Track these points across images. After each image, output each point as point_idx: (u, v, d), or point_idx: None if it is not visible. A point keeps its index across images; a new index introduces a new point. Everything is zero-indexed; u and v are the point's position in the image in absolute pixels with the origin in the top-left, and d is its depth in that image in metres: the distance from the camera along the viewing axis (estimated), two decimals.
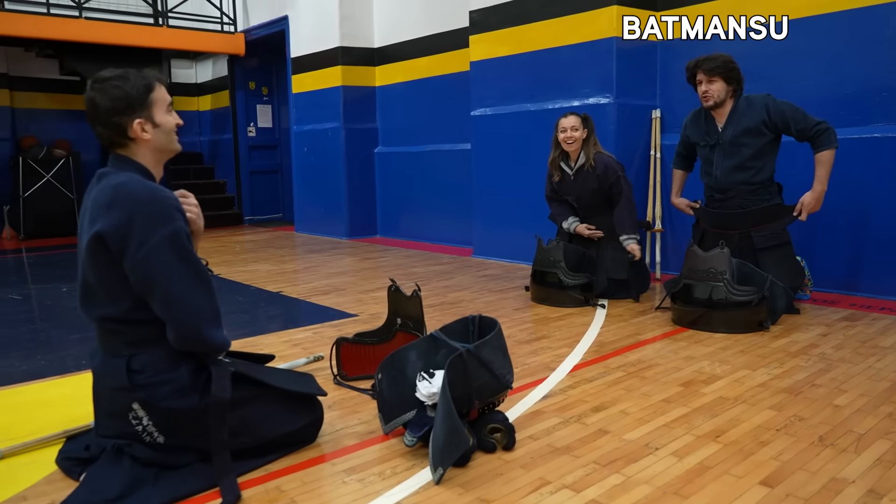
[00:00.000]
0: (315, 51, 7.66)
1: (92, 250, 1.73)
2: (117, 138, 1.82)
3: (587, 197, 4.07)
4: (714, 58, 3.51)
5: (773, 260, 3.47)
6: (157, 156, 1.88)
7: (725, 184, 3.59)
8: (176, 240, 1.73)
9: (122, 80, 1.80)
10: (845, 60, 3.98)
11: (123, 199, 1.71)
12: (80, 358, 3.03)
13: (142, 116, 1.81)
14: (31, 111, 9.05)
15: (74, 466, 1.87)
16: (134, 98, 1.79)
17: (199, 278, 1.77)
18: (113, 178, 1.78)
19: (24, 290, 4.85)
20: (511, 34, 5.37)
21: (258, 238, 7.91)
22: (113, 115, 1.78)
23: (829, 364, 2.73)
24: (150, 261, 1.69)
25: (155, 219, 1.71)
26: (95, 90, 1.79)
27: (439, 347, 2.07)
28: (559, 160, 4.12)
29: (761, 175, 3.53)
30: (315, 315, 3.87)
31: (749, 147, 3.49)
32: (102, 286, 1.77)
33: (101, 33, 7.80)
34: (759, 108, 3.46)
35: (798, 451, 1.94)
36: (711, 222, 3.67)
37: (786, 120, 3.41)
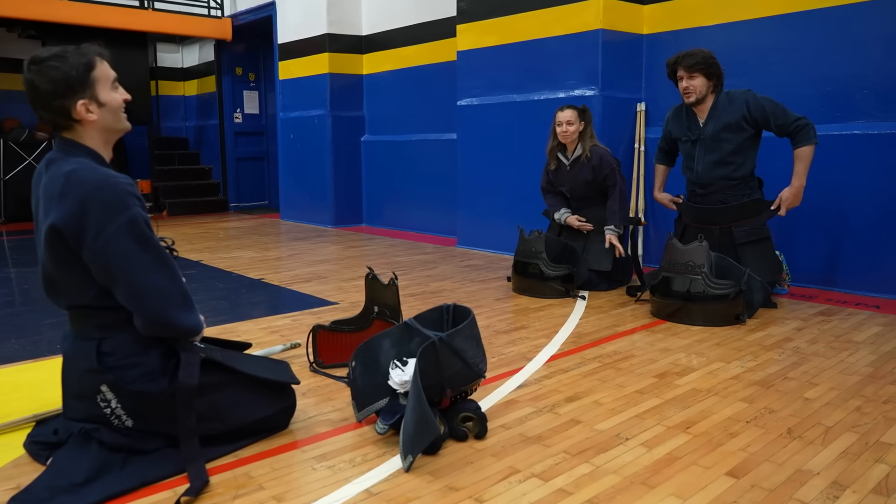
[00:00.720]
0: (302, 37, 7.60)
1: (49, 243, 1.70)
2: (62, 121, 1.74)
3: (580, 188, 4.11)
4: (694, 54, 3.51)
5: (752, 255, 3.50)
6: (105, 136, 1.81)
7: (706, 179, 3.61)
8: (134, 226, 1.69)
9: (59, 59, 1.70)
10: (827, 57, 4.00)
11: (75, 188, 1.66)
12: (54, 342, 3.00)
13: (85, 97, 1.72)
14: (12, 93, 8.91)
15: (42, 451, 1.86)
16: (74, 78, 1.70)
17: (160, 264, 1.74)
18: (63, 165, 1.71)
19: (3, 274, 4.80)
20: (498, 24, 5.36)
21: (243, 225, 7.86)
22: (54, 98, 1.69)
23: (802, 358, 2.76)
24: (110, 250, 1.66)
25: (110, 206, 1.66)
26: (33, 72, 1.70)
27: (413, 335, 2.07)
28: (556, 150, 4.15)
29: (742, 170, 3.55)
30: (295, 302, 3.86)
31: (730, 142, 3.51)
32: (65, 277, 1.74)
33: (85, 15, 7.70)
34: (740, 103, 3.47)
35: (766, 443, 1.96)
36: (693, 217, 3.69)
37: (766, 115, 3.43)
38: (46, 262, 1.74)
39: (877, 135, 3.79)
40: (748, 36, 4.32)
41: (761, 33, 4.26)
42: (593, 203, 4.15)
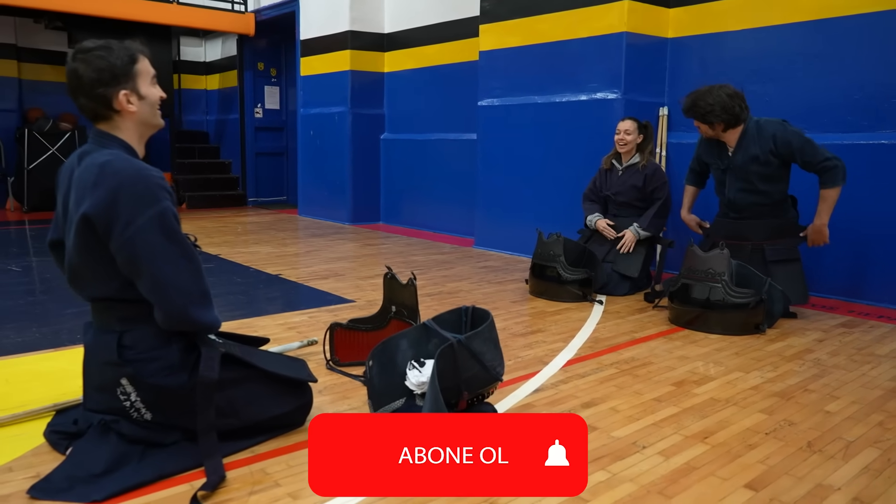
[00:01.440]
0: (325, 34, 7.62)
1: (78, 232, 1.71)
2: (102, 110, 1.77)
3: (626, 193, 4.17)
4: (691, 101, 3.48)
5: (782, 274, 3.44)
6: (141, 130, 1.85)
7: (739, 204, 3.60)
8: (163, 220, 1.70)
9: (106, 50, 1.75)
10: (855, 65, 3.94)
11: (109, 178, 1.68)
12: (75, 332, 3.04)
13: (127, 88, 1.77)
14: (37, 83, 9.03)
15: (62, 440, 1.88)
16: (118, 68, 1.75)
17: (186, 259, 1.74)
18: (97, 157, 1.74)
19: (25, 262, 4.86)
20: (521, 25, 5.34)
21: (261, 220, 7.91)
22: (98, 86, 1.74)
23: (822, 370, 2.72)
24: (137, 242, 1.67)
25: (141, 199, 1.68)
26: (78, 60, 1.74)
27: (431, 337, 2.06)
28: (612, 157, 4.27)
29: (773, 197, 3.53)
30: (312, 299, 3.87)
31: (758, 174, 3.48)
32: (90, 268, 1.76)
33: (111, 7, 7.77)
34: (768, 136, 3.40)
35: (785, 456, 1.93)
36: (725, 233, 3.64)
37: (791, 151, 3.38)
38: (73, 252, 1.75)
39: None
40: (776, 42, 4.27)
41: (789, 39, 4.21)
42: (634, 211, 4.19)
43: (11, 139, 8.49)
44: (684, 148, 4.77)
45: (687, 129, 4.79)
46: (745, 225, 3.58)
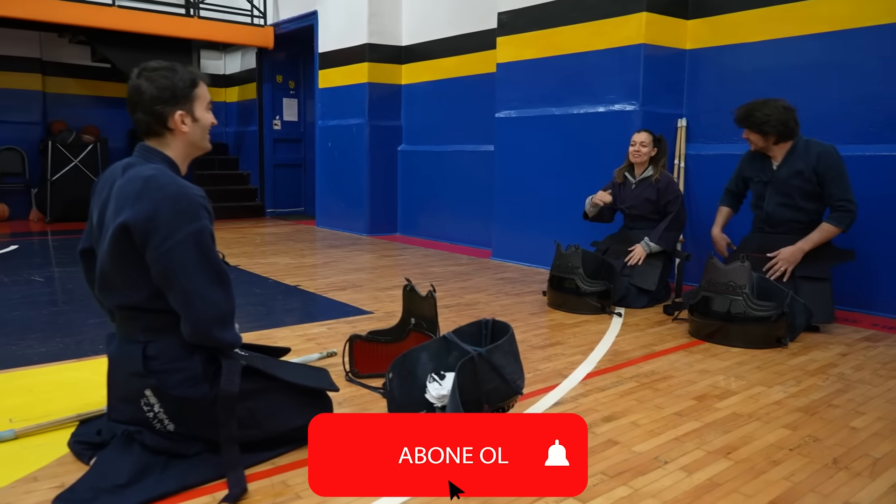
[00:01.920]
0: (343, 46, 7.69)
1: (115, 240, 1.74)
2: (156, 127, 1.85)
3: (641, 206, 4.18)
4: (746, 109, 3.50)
5: (810, 292, 3.42)
6: (189, 150, 1.92)
7: (775, 219, 3.60)
8: (200, 238, 1.74)
9: (170, 71, 1.84)
10: (876, 77, 3.90)
11: (154, 192, 1.73)
12: (97, 342, 3.07)
13: (183, 109, 1.85)
14: (61, 96, 9.19)
15: (86, 450, 1.90)
16: (179, 90, 1.84)
17: (218, 278, 1.78)
18: (142, 170, 1.79)
19: (47, 273, 4.93)
20: (538, 37, 5.35)
21: (279, 231, 7.96)
22: (157, 103, 1.82)
23: (847, 384, 2.68)
24: (173, 256, 1.71)
25: (182, 214, 1.72)
26: (143, 77, 1.83)
27: (451, 350, 2.07)
28: (625, 169, 4.27)
29: (809, 216, 3.53)
30: (331, 310, 3.88)
31: (799, 189, 3.49)
32: (122, 276, 1.78)
33: (134, 22, 7.91)
34: (813, 155, 3.44)
35: (811, 473, 1.90)
36: (756, 247, 3.61)
37: (827, 176, 3.40)
38: (106, 259, 1.78)
39: None
40: (795, 53, 4.25)
41: (808, 51, 4.18)
42: (648, 224, 4.19)
43: (35, 151, 8.64)
44: (703, 159, 4.75)
45: (706, 141, 4.78)
46: (778, 239, 3.56)
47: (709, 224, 4.05)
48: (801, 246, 3.45)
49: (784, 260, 3.45)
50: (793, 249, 3.45)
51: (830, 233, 3.43)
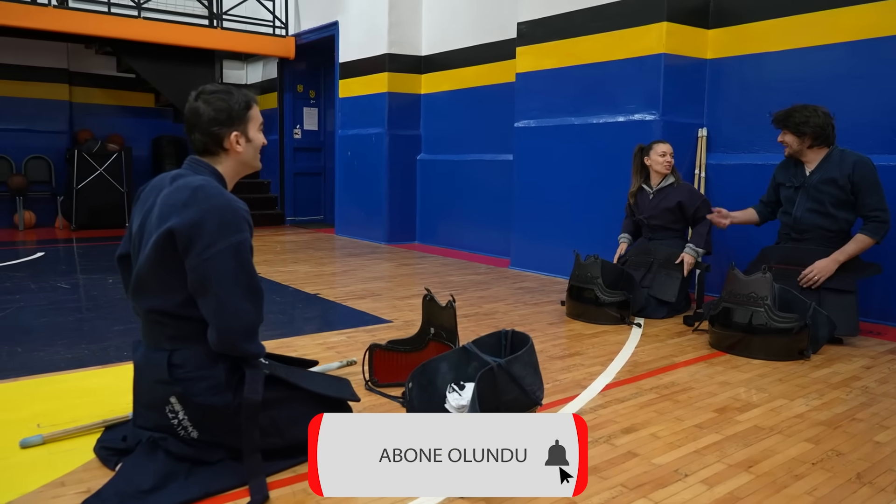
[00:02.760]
0: (363, 57, 7.76)
1: (159, 245, 1.79)
2: (212, 146, 1.93)
3: (660, 216, 4.17)
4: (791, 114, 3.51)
5: (834, 305, 3.38)
6: (240, 169, 1.99)
7: (804, 225, 3.58)
8: (240, 250, 1.79)
9: (226, 94, 1.94)
10: None
11: (201, 201, 1.78)
12: (123, 349, 3.12)
13: (238, 130, 1.93)
14: (87, 106, 9.37)
15: (111, 456, 1.93)
16: (235, 112, 1.92)
17: (251, 291, 1.82)
18: (191, 180, 1.85)
19: (73, 280, 5.02)
20: (558, 47, 5.37)
21: (299, 239, 8.03)
22: (214, 124, 1.90)
23: (871, 398, 2.65)
24: (213, 264, 1.75)
25: (226, 225, 1.78)
26: (201, 100, 1.91)
27: (471, 360, 2.08)
28: (640, 181, 4.30)
29: (839, 225, 3.51)
30: (350, 319, 3.91)
31: (831, 196, 3.47)
32: (159, 279, 1.82)
33: (158, 33, 8.05)
34: (849, 164, 3.43)
35: (834, 488, 1.89)
36: (781, 258, 3.59)
37: (863, 185, 3.39)
38: (145, 263, 1.82)
39: None
40: (818, 62, 4.22)
41: (831, 60, 4.16)
42: (668, 234, 4.20)
43: (62, 160, 8.80)
44: (723, 169, 4.72)
45: (727, 150, 4.76)
46: (804, 250, 3.53)
47: (732, 233, 4.03)
48: (836, 257, 3.41)
49: (820, 270, 3.41)
50: (828, 261, 3.41)
51: (865, 244, 3.40)
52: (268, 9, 9.19)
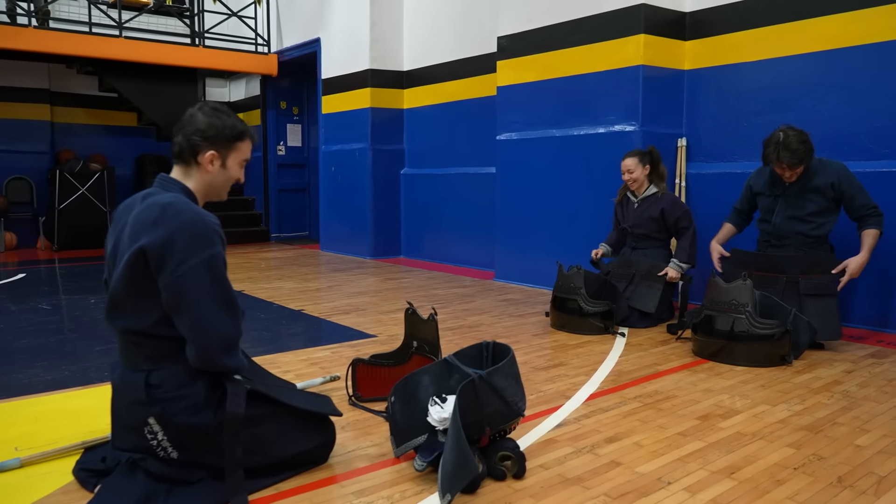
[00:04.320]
0: (345, 73, 7.79)
1: (131, 264, 1.77)
2: (187, 154, 1.92)
3: (643, 225, 4.20)
4: (793, 148, 3.39)
5: (815, 309, 3.42)
6: (206, 190, 1.97)
7: (783, 231, 3.62)
8: (213, 264, 1.78)
9: (227, 115, 1.95)
10: (876, 93, 3.93)
11: (171, 218, 1.77)
12: (103, 370, 3.09)
13: (218, 151, 1.93)
14: (69, 125, 9.32)
15: (90, 478, 1.91)
16: (223, 134, 1.92)
17: (227, 305, 1.81)
18: (160, 198, 1.84)
19: (54, 301, 4.97)
20: (538, 60, 5.42)
21: (284, 255, 8.00)
22: (197, 135, 1.90)
23: (852, 402, 2.67)
24: (187, 280, 1.74)
25: (197, 240, 1.76)
26: (202, 110, 1.93)
27: (452, 372, 2.07)
28: (625, 190, 4.32)
29: (819, 231, 3.55)
30: (335, 334, 3.90)
31: (813, 203, 3.52)
32: (133, 299, 1.80)
33: (140, 52, 8.04)
34: (831, 172, 3.49)
35: (815, 492, 1.90)
36: (759, 265, 3.61)
37: (852, 192, 3.45)
38: (118, 283, 1.80)
39: None
40: (794, 71, 4.29)
41: (807, 69, 4.22)
42: (652, 244, 4.23)
43: (44, 180, 8.74)
44: (703, 178, 4.77)
45: (706, 160, 4.81)
46: (782, 258, 3.56)
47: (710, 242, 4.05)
48: (864, 258, 3.42)
49: (853, 273, 3.42)
50: (860, 262, 3.41)
51: (877, 237, 3.45)
52: (250, 27, 9.21)
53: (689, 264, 4.06)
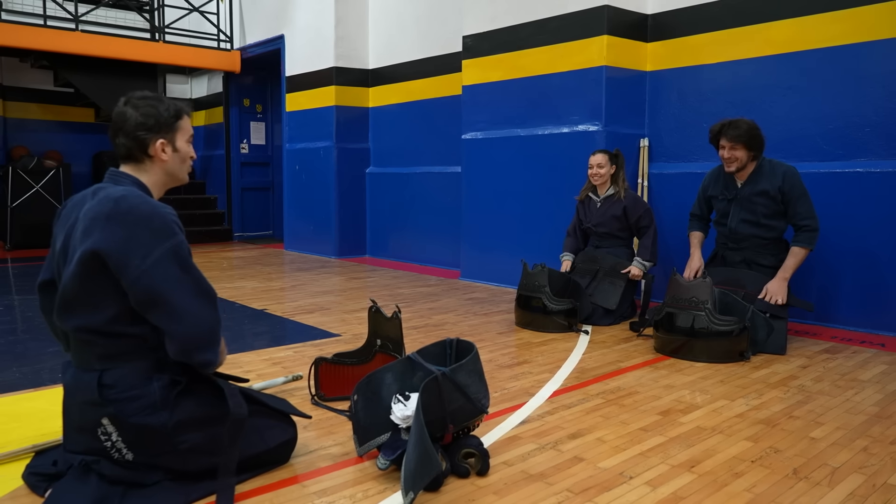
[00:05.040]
0: (310, 70, 7.71)
1: (83, 263, 1.71)
2: (136, 152, 1.87)
3: (607, 224, 4.24)
4: (738, 125, 3.51)
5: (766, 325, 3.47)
6: (166, 179, 1.93)
7: (738, 235, 3.66)
8: (178, 252, 1.74)
9: (156, 100, 1.90)
10: (830, 96, 4.04)
11: (125, 213, 1.71)
12: (55, 371, 3.00)
13: (165, 138, 1.88)
14: (23, 121, 9.05)
15: (41, 482, 1.84)
16: (164, 119, 1.88)
17: (203, 291, 1.77)
18: (112, 191, 1.78)
19: (7, 301, 4.81)
20: (503, 60, 5.44)
21: (247, 255, 7.88)
22: (140, 129, 1.84)
23: (807, 396, 2.74)
24: (155, 273, 1.69)
25: (157, 233, 1.72)
26: (130, 105, 1.86)
27: (415, 370, 2.06)
28: (588, 189, 4.34)
29: (773, 233, 3.60)
30: (298, 334, 3.85)
31: (764, 207, 3.56)
32: (87, 296, 1.74)
33: (97, 46, 7.84)
34: (779, 175, 3.52)
35: (771, 484, 1.93)
36: (720, 279, 3.62)
37: (792, 195, 3.48)
38: (72, 281, 1.73)
39: (880, 173, 3.81)
40: (752, 74, 4.38)
41: (764, 71, 4.32)
42: (615, 242, 4.28)
43: None
44: (665, 178, 4.84)
45: (668, 160, 4.88)
46: (741, 273, 3.60)
47: (673, 240, 4.13)
48: (783, 276, 3.48)
49: (775, 294, 3.46)
50: (778, 281, 3.48)
51: (803, 255, 3.49)
52: (212, 22, 9.06)
53: (652, 262, 4.12)
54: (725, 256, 3.77)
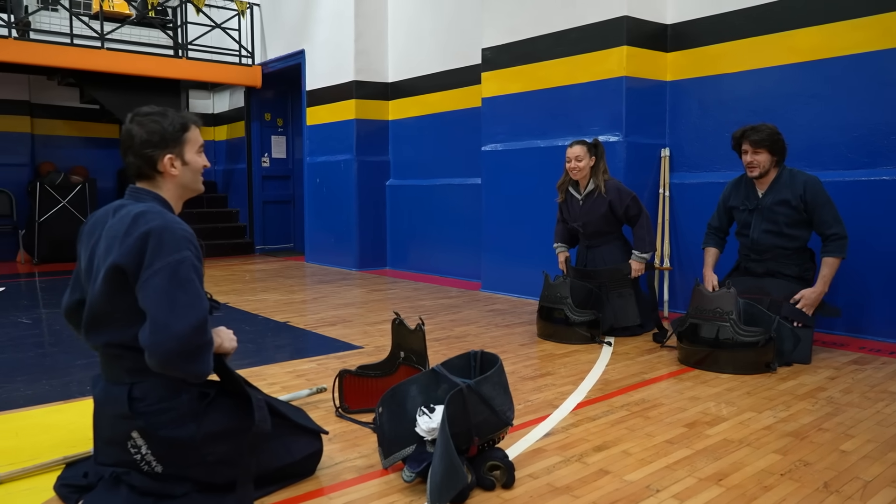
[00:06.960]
0: (330, 84, 7.79)
1: (109, 280, 1.74)
2: (146, 169, 1.88)
3: (595, 223, 4.09)
4: (760, 129, 3.49)
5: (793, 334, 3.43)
6: (181, 192, 1.95)
7: (761, 245, 3.61)
8: (178, 268, 1.72)
9: (160, 115, 1.89)
10: (855, 104, 4.00)
11: (141, 227, 1.74)
12: (85, 384, 3.04)
13: (173, 152, 1.89)
14: (50, 138, 9.23)
15: (72, 493, 1.87)
16: (169, 133, 1.88)
17: (189, 309, 1.69)
18: (132, 209, 1.81)
19: (35, 315, 4.90)
20: (522, 72, 5.45)
21: (268, 267, 7.95)
22: (146, 147, 1.85)
23: (836, 408, 2.69)
24: (149, 285, 1.70)
25: (165, 246, 1.73)
26: (135, 122, 1.87)
27: (440, 382, 2.06)
28: (567, 184, 4.17)
29: (795, 243, 3.55)
30: (321, 346, 3.87)
31: (786, 216, 3.52)
32: (114, 313, 1.77)
33: (122, 64, 7.99)
34: (800, 184, 3.48)
35: (802, 498, 1.90)
36: (745, 288, 3.57)
37: (816, 205, 3.44)
38: (98, 297, 1.76)
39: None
40: (774, 82, 4.35)
41: (787, 80, 4.29)
42: (608, 240, 4.13)
43: (24, 192, 8.64)
44: (686, 188, 4.82)
45: (689, 170, 4.85)
46: (768, 283, 3.55)
47: (694, 250, 4.08)
48: (820, 289, 3.43)
49: (810, 305, 3.42)
50: (816, 295, 3.43)
51: (836, 265, 3.43)
52: (233, 38, 9.20)
53: (650, 251, 3.99)
54: (748, 268, 3.72)
